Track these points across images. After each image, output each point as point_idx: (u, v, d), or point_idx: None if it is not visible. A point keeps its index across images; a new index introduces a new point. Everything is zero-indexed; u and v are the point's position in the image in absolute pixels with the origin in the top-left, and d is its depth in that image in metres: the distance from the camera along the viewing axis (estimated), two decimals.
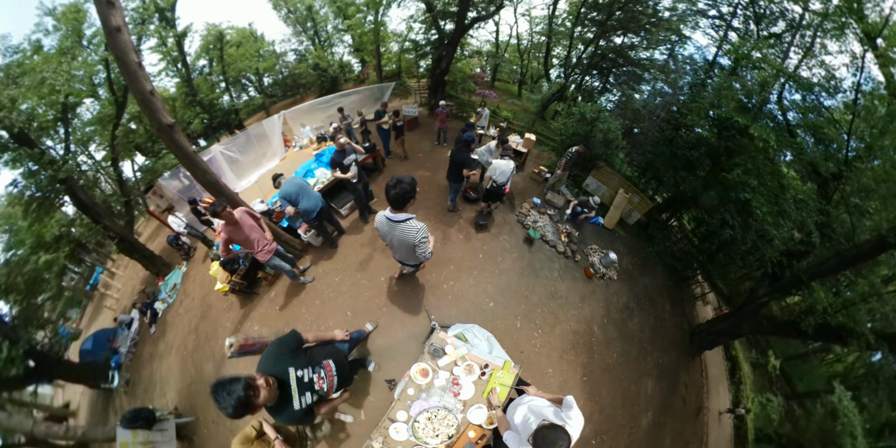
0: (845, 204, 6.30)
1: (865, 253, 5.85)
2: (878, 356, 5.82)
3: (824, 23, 6.25)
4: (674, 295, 8.29)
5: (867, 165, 6.09)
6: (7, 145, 6.87)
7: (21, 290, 7.17)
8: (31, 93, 6.86)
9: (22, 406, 7.45)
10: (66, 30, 7.69)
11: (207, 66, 10.75)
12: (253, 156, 9.36)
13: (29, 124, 7.00)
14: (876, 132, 5.84)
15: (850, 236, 6.20)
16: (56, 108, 7.49)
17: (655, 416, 5.93)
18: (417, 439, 2.78)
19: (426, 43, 11.51)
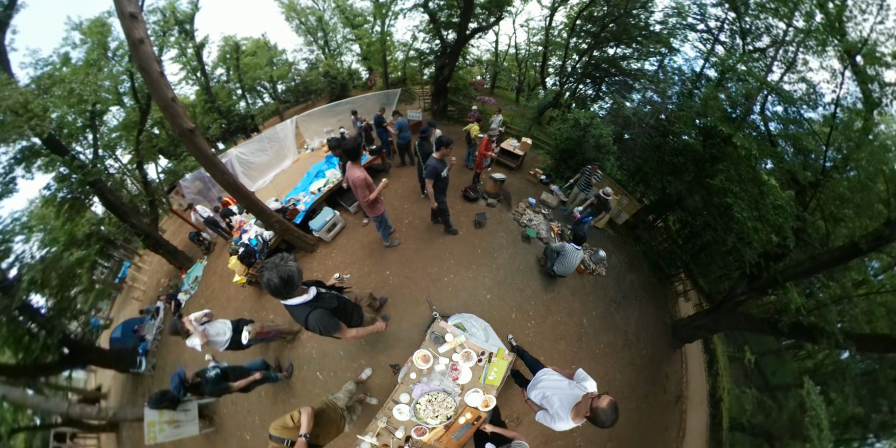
0: (821, 211, 6.25)
1: (838, 258, 5.82)
2: (846, 355, 5.80)
3: (807, 39, 6.12)
4: (658, 291, 8.30)
5: (843, 176, 6.03)
6: (40, 151, 6.92)
7: (55, 284, 7.26)
8: (61, 102, 6.86)
9: (58, 389, 7.60)
10: (93, 43, 7.67)
11: (225, 74, 10.69)
12: (267, 158, 9.36)
13: (59, 131, 7.04)
14: (852, 145, 5.77)
15: (825, 241, 6.16)
16: (84, 116, 7.50)
17: (638, 402, 6.00)
18: (419, 419, 2.83)
19: (430, 52, 11.40)
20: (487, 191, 7.22)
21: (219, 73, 10.74)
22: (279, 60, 11.58)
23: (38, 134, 6.55)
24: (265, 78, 11.38)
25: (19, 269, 6.78)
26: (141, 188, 9.34)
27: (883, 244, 5.19)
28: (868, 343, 5.43)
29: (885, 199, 5.44)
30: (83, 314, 8.12)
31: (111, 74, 7.90)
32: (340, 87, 11.79)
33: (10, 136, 6.24)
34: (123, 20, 3.29)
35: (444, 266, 5.76)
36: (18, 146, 6.65)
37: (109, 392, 7.90)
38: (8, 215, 6.84)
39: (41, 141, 6.79)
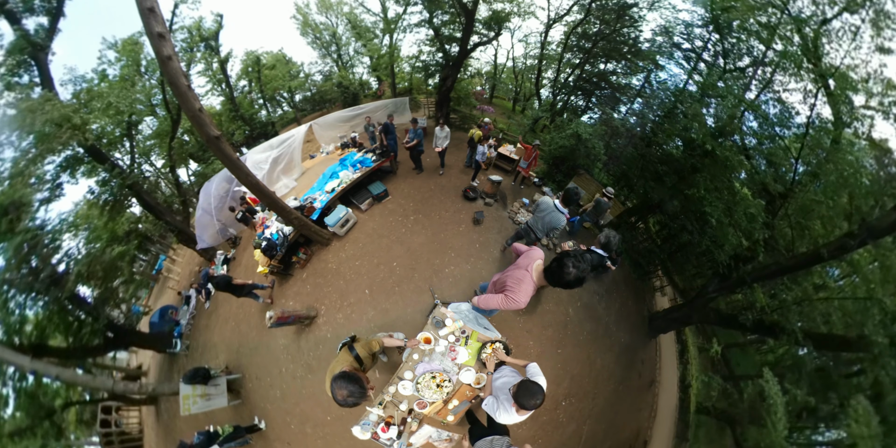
0: (788, 220, 6.16)
1: (802, 263, 5.77)
2: (804, 351, 5.79)
3: (784, 62, 5.90)
4: (636, 285, 8.27)
5: (810, 189, 5.89)
6: (83, 159, 6.96)
7: (100, 276, 7.38)
8: (100, 114, 6.85)
9: (104, 368, 7.81)
10: (126, 60, 7.62)
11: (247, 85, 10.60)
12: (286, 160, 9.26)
13: (100, 141, 7.05)
14: (821, 161, 5.62)
15: (790, 248, 6.09)
16: (121, 127, 7.51)
17: (615, 385, 6.07)
18: (420, 395, 2.87)
19: (434, 64, 11.19)
20: (485, 191, 7.22)
21: (242, 84, 10.65)
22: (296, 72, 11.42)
23: (80, 143, 6.58)
24: (284, 88, 11.25)
25: (68, 264, 6.89)
26: (174, 189, 9.39)
27: (843, 253, 5.13)
28: (824, 342, 5.41)
29: (848, 212, 5.35)
30: (125, 302, 8.28)
31: (144, 88, 7.87)
32: (353, 96, 11.65)
33: (54, 146, 6.26)
34: (152, 39, 3.29)
35: (446, 258, 5.88)
36: (63, 155, 6.68)
37: (149, 370, 8.14)
38: (56, 216, 6.90)
39: (83, 150, 6.83)
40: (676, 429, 6.82)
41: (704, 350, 7.82)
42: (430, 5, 9.37)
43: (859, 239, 4.91)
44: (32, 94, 6.02)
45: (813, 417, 5.44)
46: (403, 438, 2.82)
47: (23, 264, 6.03)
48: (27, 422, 5.72)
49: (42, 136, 5.99)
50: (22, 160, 5.98)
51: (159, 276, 9.33)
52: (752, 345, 7.56)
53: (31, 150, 6.05)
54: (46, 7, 6.02)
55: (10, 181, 5.82)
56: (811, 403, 5.35)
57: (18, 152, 5.94)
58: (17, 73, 5.98)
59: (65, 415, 6.67)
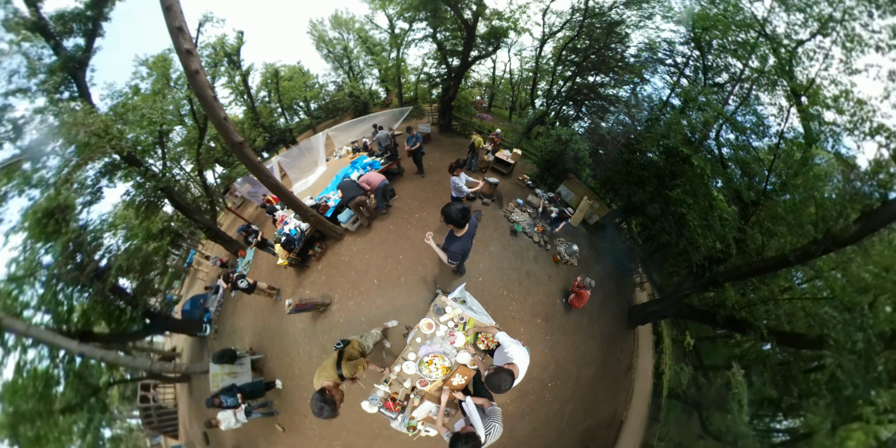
0: (759, 226, 6.07)
1: (770, 266, 5.70)
2: (768, 346, 5.75)
3: (760, 78, 5.71)
4: (618, 281, 8.22)
5: (781, 198, 5.77)
6: (120, 165, 7.00)
7: (137, 269, 7.49)
8: (134, 125, 6.87)
9: (142, 351, 7.98)
10: (157, 75, 7.58)
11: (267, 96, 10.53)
12: (303, 164, 9.30)
13: (134, 148, 7.07)
14: (791, 172, 5.49)
15: (760, 252, 6.01)
16: (154, 135, 7.52)
17: (596, 370, 6.12)
18: (422, 374, 2.92)
19: (437, 75, 11.04)
20: (483, 192, 7.20)
21: (262, 95, 10.58)
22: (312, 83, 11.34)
23: (117, 151, 6.61)
24: (300, 98, 11.18)
25: (109, 259, 6.99)
26: (202, 191, 9.44)
27: (808, 259, 5.05)
28: (786, 339, 5.38)
29: (814, 221, 5.23)
30: (160, 292, 8.41)
31: (174, 100, 7.85)
32: (363, 105, 11.56)
33: (95, 154, 6.30)
34: (181, 55, 3.31)
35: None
36: (103, 162, 6.73)
37: (182, 352, 8.31)
38: (97, 217, 6.99)
39: (120, 157, 6.86)
40: (649, 411, 6.87)
41: (678, 341, 7.80)
42: (434, 22, 9.21)
43: (823, 246, 4.83)
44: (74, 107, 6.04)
45: (773, 407, 5.44)
46: (406, 412, 2.88)
47: (69, 260, 6.14)
48: (76, 398, 5.89)
49: (83, 146, 6.03)
50: (65, 167, 6.05)
51: (190, 269, 9.47)
52: (722, 338, 7.53)
53: (74, 158, 6.10)
54: (83, 29, 6.05)
55: (56, 187, 5.88)
56: (773, 395, 5.34)
57: (62, 160, 6.01)
58: (59, 90, 6.03)
59: (109, 392, 6.85)
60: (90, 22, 6.12)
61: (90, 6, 6.01)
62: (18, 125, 5.68)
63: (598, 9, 8.22)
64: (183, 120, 8.46)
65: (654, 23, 7.69)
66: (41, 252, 5.81)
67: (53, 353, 5.67)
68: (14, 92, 5.58)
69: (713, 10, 5.97)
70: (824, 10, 4.37)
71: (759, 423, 5.59)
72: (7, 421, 5.09)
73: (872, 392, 3.90)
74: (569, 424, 5.49)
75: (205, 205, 9.42)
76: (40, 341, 5.45)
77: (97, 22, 6.20)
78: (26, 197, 5.72)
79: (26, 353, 5.33)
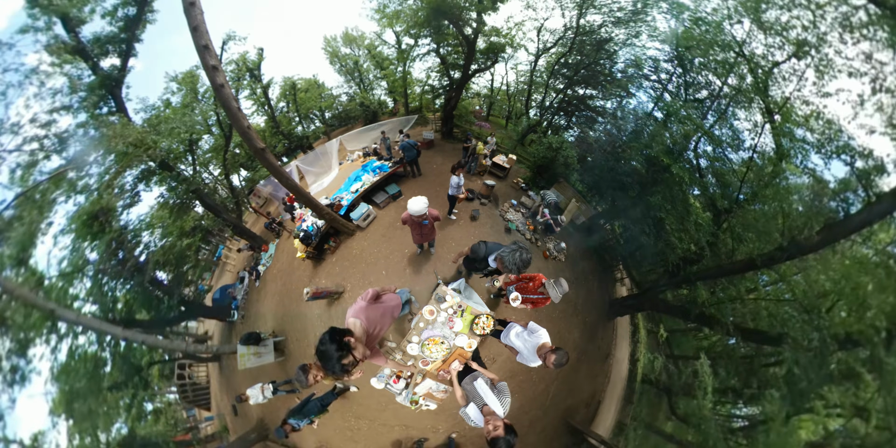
0: (730, 232, 5.97)
1: (738, 269, 5.64)
2: (733, 341, 5.74)
3: (737, 96, 5.53)
4: (601, 276, 8.20)
5: (751, 207, 5.67)
6: (155, 171, 7.03)
7: (172, 263, 7.58)
8: (167, 135, 6.87)
9: (178, 335, 8.13)
10: (186, 89, 7.53)
11: (285, 106, 10.44)
12: (319, 167, 9.27)
13: (167, 156, 7.09)
14: (762, 184, 5.38)
15: (730, 255, 5.94)
16: (184, 143, 7.52)
17: (578, 355, 6.21)
18: (424, 354, 2.98)
19: (440, 87, 10.88)
20: (481, 193, 7.22)
21: (281, 105, 10.48)
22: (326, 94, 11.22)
23: (152, 159, 6.63)
24: (316, 108, 11.07)
25: (147, 255, 7.09)
26: (228, 193, 9.49)
27: (774, 264, 5.00)
28: (750, 335, 5.35)
29: (780, 229, 5.14)
30: (193, 283, 8.51)
31: (202, 111, 7.82)
32: (372, 113, 11.42)
33: (132, 162, 6.34)
34: (207, 71, 3.31)
35: (447, 248, 5.97)
36: (139, 169, 6.76)
37: (213, 335, 8.42)
38: (136, 218, 7.05)
39: (155, 164, 6.88)
40: (624, 393, 6.93)
41: (652, 332, 7.80)
42: (438, 38, 9.01)
43: (787, 253, 4.77)
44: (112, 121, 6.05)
45: (735, 396, 5.45)
46: (409, 388, 2.94)
47: (112, 257, 6.25)
48: (122, 377, 6.06)
49: (122, 155, 6.07)
50: (106, 174, 6.09)
51: (219, 262, 9.58)
52: (692, 332, 7.51)
53: (114, 166, 6.14)
54: (118, 50, 6.02)
55: (98, 192, 5.94)
56: (734, 384, 5.35)
57: (103, 168, 6.05)
58: (98, 106, 6.03)
59: (150, 371, 7.00)
60: (124, 44, 6.10)
61: (124, 29, 5.99)
62: (63, 139, 5.72)
63: (589, 27, 7.98)
64: (210, 129, 8.43)
65: (641, 41, 7.44)
66: (87, 250, 5.92)
67: (101, 339, 5.83)
68: (58, 109, 5.61)
69: (696, 31, 5.74)
70: (800, 35, 4.18)
71: (721, 409, 5.61)
72: (63, 398, 5.27)
73: (824, 387, 3.89)
74: (553, 403, 5.58)
75: (231, 205, 9.47)
76: (89, 328, 5.60)
77: (130, 43, 6.17)
78: (73, 202, 5.83)
79: (77, 339, 5.49)
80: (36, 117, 5.41)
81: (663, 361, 7.11)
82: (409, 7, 8.46)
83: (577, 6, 7.59)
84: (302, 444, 5.52)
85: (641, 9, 6.73)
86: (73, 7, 5.03)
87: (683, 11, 5.90)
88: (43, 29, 5.01)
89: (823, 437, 3.97)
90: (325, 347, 1.59)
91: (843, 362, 3.83)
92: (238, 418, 6.61)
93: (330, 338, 1.59)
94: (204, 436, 7.27)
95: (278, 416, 5.76)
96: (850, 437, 3.52)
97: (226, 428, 6.92)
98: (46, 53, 5.20)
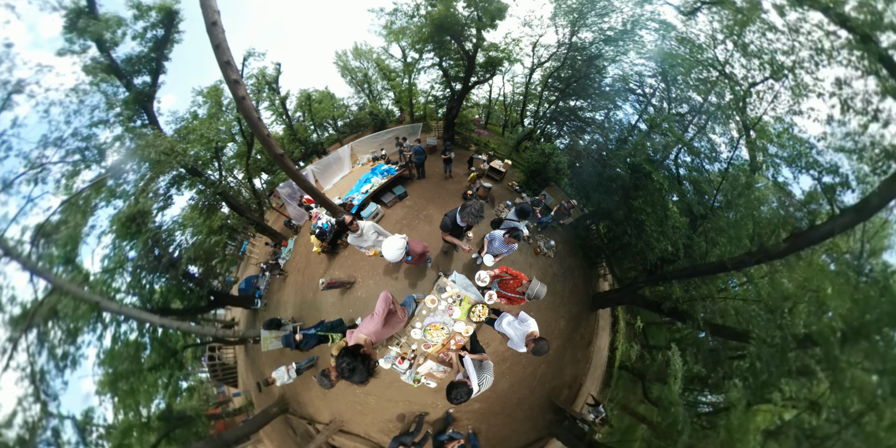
0: (705, 236, 5.89)
1: (710, 270, 5.60)
2: (703, 335, 5.74)
3: (716, 112, 5.38)
4: (586, 272, 8.16)
5: (725, 214, 5.57)
6: (185, 176, 7.05)
7: (203, 258, 7.64)
8: (195, 144, 6.86)
9: (208, 321, 8.25)
10: (211, 102, 7.48)
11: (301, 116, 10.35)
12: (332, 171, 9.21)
13: (196, 162, 7.09)
14: (735, 193, 5.28)
15: (703, 257, 5.88)
16: (211, 151, 7.52)
17: (563, 342, 6.24)
18: (426, 339, 3.03)
19: (442, 97, 10.70)
20: (479, 194, 7.25)
21: (297, 115, 10.38)
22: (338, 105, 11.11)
23: (182, 166, 6.65)
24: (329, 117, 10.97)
25: (180, 251, 7.15)
26: (251, 194, 9.51)
27: (743, 267, 4.95)
28: (718, 330, 5.34)
29: (750, 236, 5.07)
30: (220, 275, 8.60)
31: (225, 121, 7.79)
32: (381, 122, 11.31)
33: (164, 169, 6.35)
34: (230, 85, 3.32)
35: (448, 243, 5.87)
36: (171, 174, 6.78)
37: (239, 321, 8.51)
38: (169, 218, 7.10)
39: (185, 170, 6.90)
40: (603, 377, 7.00)
41: (630, 324, 7.82)
42: (440, 52, 8.83)
43: (756, 258, 4.71)
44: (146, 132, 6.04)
45: (701, 384, 5.49)
46: (413, 368, 3.01)
47: (149, 254, 6.33)
48: (159, 360, 6.21)
49: (155, 163, 6.08)
50: (141, 181, 6.12)
51: (244, 256, 9.67)
52: (665, 325, 7.51)
53: (148, 173, 6.16)
54: (148, 68, 5.98)
55: (135, 197, 5.98)
56: (702, 373, 5.38)
57: (139, 175, 6.08)
58: (132, 119, 6.02)
59: (184, 354, 7.11)
60: (154, 62, 6.07)
61: (153, 49, 5.97)
62: (102, 150, 5.75)
63: (581, 44, 7.78)
64: (234, 137, 8.41)
65: (628, 58, 7.24)
66: (127, 249, 6.01)
67: (141, 326, 5.96)
68: (97, 123, 5.63)
69: (680, 50, 5.56)
70: (778, 59, 4.02)
71: (688, 395, 5.66)
72: (108, 379, 5.44)
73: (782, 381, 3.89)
74: (539, 383, 5.66)
75: (254, 205, 9.50)
76: (130, 317, 5.74)
77: (160, 62, 6.15)
78: (112, 207, 5.90)
79: (120, 326, 5.64)
80: (77, 131, 5.42)
81: (639, 350, 7.15)
82: (414, 24, 8.26)
83: (570, 24, 7.38)
84: (317, 415, 5.67)
85: (630, 28, 6.51)
86: (107, 30, 4.99)
87: (670, 31, 5.70)
88: (79, 51, 5.00)
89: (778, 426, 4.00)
90: (353, 365, 1.65)
91: (801, 360, 3.82)
92: (262, 394, 6.78)
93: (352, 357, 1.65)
94: (232, 409, 7.49)
95: (296, 391, 5.88)
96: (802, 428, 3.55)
97: (251, 402, 7.11)
98: (84, 73, 5.20)
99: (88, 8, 4.87)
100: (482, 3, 7.12)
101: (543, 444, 5.94)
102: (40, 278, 4.73)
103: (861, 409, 3.09)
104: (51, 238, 4.94)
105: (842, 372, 3.25)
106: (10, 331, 4.45)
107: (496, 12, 7.24)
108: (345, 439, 5.26)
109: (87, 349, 5.27)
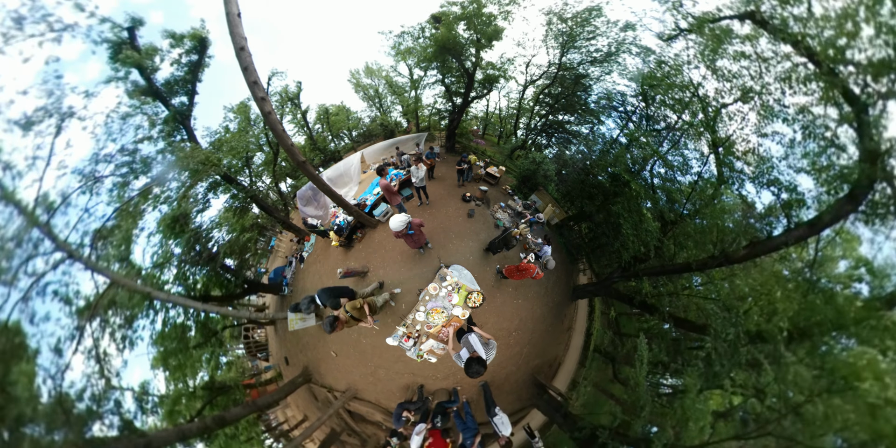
0: (674, 239, 5.80)
1: (677, 270, 5.54)
2: (667, 326, 5.73)
3: (689, 129, 5.19)
4: (568, 266, 8.13)
5: (692, 221, 5.46)
6: (220, 183, 7.07)
7: (237, 252, 7.76)
8: (227, 154, 6.86)
9: (243, 306, 8.44)
10: (241, 117, 7.42)
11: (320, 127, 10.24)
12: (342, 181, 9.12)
13: (229, 170, 7.10)
14: (703, 203, 5.15)
15: (671, 258, 5.80)
16: (242, 160, 7.52)
17: (546, 326, 6.25)
18: (428, 320, 3.12)
19: (444, 110, 10.48)
20: (476, 196, 7.21)
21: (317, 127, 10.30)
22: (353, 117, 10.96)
23: (217, 173, 6.66)
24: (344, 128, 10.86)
25: (218, 247, 7.26)
26: (278, 197, 9.55)
27: (705, 269, 4.89)
28: (681, 323, 5.33)
29: (714, 242, 4.98)
30: (253, 267, 8.74)
31: (254, 134, 7.76)
32: (390, 132, 11.18)
33: (202, 177, 6.38)
34: (257, 101, 3.30)
35: (449, 237, 6.01)
36: (208, 181, 6.81)
37: (269, 305, 8.72)
38: (208, 219, 7.19)
39: (220, 177, 6.91)
40: (579, 358, 7.09)
41: (605, 313, 7.82)
42: (443, 70, 8.61)
43: (718, 261, 4.64)
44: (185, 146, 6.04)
45: (663, 369, 5.52)
46: (416, 346, 3.10)
47: (191, 250, 6.44)
48: (202, 339, 6.42)
49: (194, 172, 6.11)
50: (182, 188, 6.17)
51: (272, 250, 9.80)
52: (635, 315, 7.49)
53: (188, 181, 6.20)
54: (185, 90, 5.93)
55: (177, 202, 6.04)
56: (664, 360, 5.41)
57: (180, 183, 6.12)
58: (172, 135, 6.03)
59: (223, 333, 7.32)
60: (189, 84, 6.03)
61: (188, 73, 5.93)
62: (147, 162, 5.78)
63: (569, 64, 7.50)
64: (261, 147, 8.38)
65: (612, 78, 6.97)
66: (172, 246, 6.11)
67: (186, 311, 6.11)
68: (141, 140, 5.67)
69: (658, 73, 5.32)
70: (747, 83, 3.82)
71: (652, 378, 5.71)
72: (160, 356, 5.67)
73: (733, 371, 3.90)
74: (524, 361, 5.74)
75: (280, 206, 9.55)
76: (177, 304, 5.88)
77: (194, 83, 6.10)
78: (158, 211, 5.97)
79: (168, 312, 5.79)
80: (124, 147, 5.44)
81: (611, 336, 7.18)
82: (420, 45, 8.03)
83: (560, 46, 7.08)
84: (335, 385, 5.86)
85: (615, 51, 6.23)
86: (147, 58, 4.95)
87: (650, 55, 5.44)
88: (123, 78, 4.97)
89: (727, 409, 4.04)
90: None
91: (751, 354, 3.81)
92: (289, 367, 7.00)
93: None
94: (264, 380, 7.73)
95: (318, 364, 6.01)
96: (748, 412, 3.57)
97: (280, 374, 7.34)
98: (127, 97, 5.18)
99: (130, 39, 4.81)
100: (481, 26, 6.88)
101: (526, 413, 6.10)
102: (100, 275, 4.87)
103: (800, 401, 3.09)
104: (107, 240, 5.05)
105: (785, 367, 3.24)
106: (77, 320, 4.64)
107: (493, 34, 7.00)
108: (359, 405, 5.50)
109: (141, 332, 5.48)
